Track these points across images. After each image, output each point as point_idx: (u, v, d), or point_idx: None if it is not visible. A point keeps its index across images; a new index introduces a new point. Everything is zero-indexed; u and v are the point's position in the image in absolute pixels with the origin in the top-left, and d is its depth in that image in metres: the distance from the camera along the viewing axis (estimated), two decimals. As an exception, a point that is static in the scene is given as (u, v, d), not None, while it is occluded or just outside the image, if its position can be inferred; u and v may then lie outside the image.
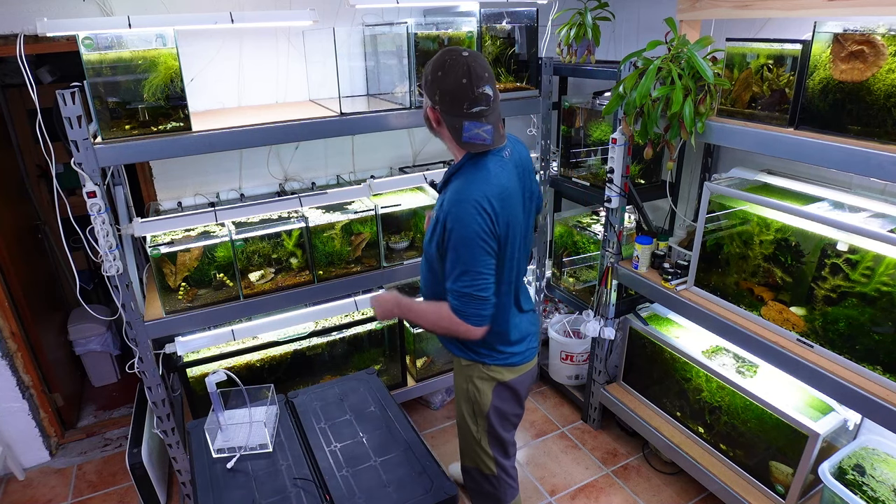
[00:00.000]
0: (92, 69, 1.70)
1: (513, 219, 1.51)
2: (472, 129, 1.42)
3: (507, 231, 1.49)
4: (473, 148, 1.45)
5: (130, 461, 2.18)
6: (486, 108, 1.43)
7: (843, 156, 1.54)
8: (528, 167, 1.65)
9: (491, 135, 1.44)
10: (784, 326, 1.84)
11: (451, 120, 1.44)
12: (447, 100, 1.42)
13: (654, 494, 2.38)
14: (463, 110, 1.41)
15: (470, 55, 1.42)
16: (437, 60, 1.44)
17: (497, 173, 1.47)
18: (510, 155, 1.56)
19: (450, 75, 1.40)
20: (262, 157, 2.55)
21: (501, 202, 1.45)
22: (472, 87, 1.39)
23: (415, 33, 2.14)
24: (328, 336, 2.45)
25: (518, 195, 1.55)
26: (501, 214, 1.45)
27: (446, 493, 1.42)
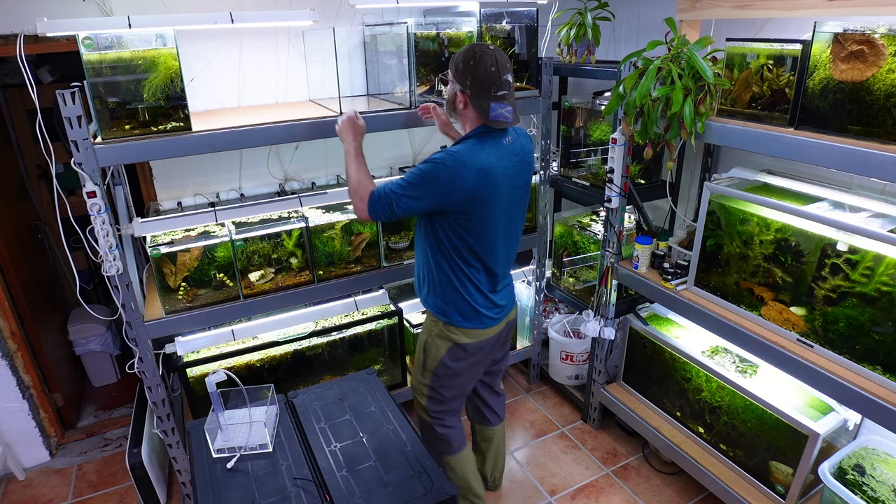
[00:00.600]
0: (92, 69, 1.70)
1: (489, 192, 1.68)
2: (497, 109, 1.66)
3: (481, 201, 1.67)
4: (498, 125, 1.68)
5: (130, 461, 2.18)
6: (508, 93, 1.68)
7: (843, 156, 1.54)
8: (530, 160, 1.84)
9: (512, 114, 1.69)
10: (784, 326, 1.84)
11: (479, 102, 1.66)
12: (477, 85, 1.65)
13: (654, 494, 2.38)
14: (491, 93, 1.65)
15: (496, 49, 1.68)
16: (468, 52, 1.67)
17: (488, 153, 1.68)
18: (511, 142, 1.75)
19: (481, 64, 1.64)
20: (262, 157, 2.55)
21: (481, 174, 1.64)
22: (499, 74, 1.64)
23: (415, 33, 2.14)
24: (328, 336, 2.45)
25: (504, 179, 1.71)
26: (475, 184, 1.64)
27: (446, 493, 1.43)
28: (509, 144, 1.74)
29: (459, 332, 1.85)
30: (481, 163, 1.65)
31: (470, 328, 1.85)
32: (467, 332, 1.86)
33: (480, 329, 1.87)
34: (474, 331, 1.86)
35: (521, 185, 1.82)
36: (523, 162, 1.79)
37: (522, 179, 1.82)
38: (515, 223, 1.86)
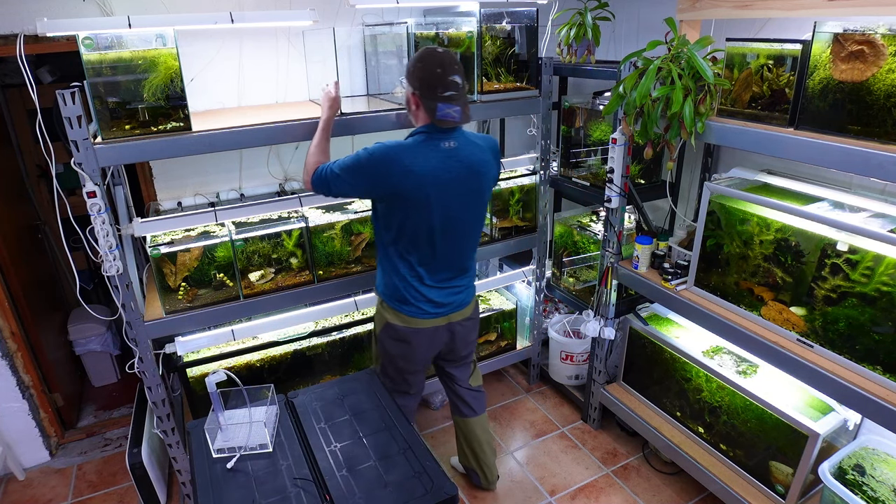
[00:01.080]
0: (92, 69, 1.70)
1: (416, 191, 1.74)
2: (444, 109, 1.72)
3: (408, 197, 1.75)
4: (445, 124, 1.75)
5: (130, 461, 2.18)
6: (456, 94, 1.73)
7: (843, 156, 1.54)
8: (478, 170, 1.85)
9: (460, 114, 1.75)
10: (784, 326, 1.84)
11: (427, 103, 1.73)
12: (425, 86, 1.72)
13: (654, 494, 2.38)
14: (437, 94, 1.71)
15: (444, 51, 1.75)
16: (417, 55, 1.76)
17: (419, 153, 1.75)
18: (454, 147, 1.79)
19: (427, 66, 1.72)
20: (262, 157, 2.56)
21: (401, 173, 1.72)
22: (444, 75, 1.71)
23: (415, 33, 2.14)
24: (328, 336, 2.45)
25: (435, 181, 1.76)
26: (401, 180, 1.72)
27: (446, 493, 1.42)
28: (450, 149, 1.78)
29: (391, 313, 1.96)
30: (407, 161, 1.72)
31: (398, 312, 1.95)
32: (397, 315, 1.95)
33: (410, 317, 1.94)
34: (404, 316, 1.94)
35: (466, 191, 1.83)
36: (470, 170, 1.81)
37: (466, 186, 1.83)
38: (459, 227, 1.88)
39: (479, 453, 2.31)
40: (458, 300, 2.00)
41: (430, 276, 1.92)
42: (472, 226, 1.94)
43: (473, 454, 2.32)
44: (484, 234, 2.65)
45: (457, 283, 1.99)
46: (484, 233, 2.65)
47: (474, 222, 1.95)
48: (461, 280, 2.01)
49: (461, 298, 2.01)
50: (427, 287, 1.93)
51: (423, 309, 1.94)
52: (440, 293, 1.95)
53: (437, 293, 1.95)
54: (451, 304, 1.99)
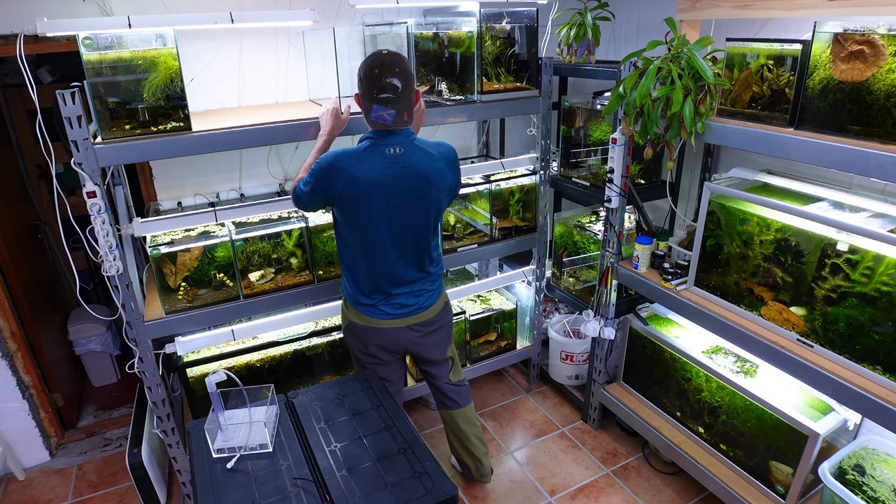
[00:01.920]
0: (92, 69, 1.70)
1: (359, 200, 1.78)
2: (378, 111, 1.73)
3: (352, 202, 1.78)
4: (377, 126, 1.77)
5: (130, 461, 2.18)
6: (392, 97, 1.71)
7: (843, 156, 1.54)
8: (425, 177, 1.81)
9: (393, 118, 1.74)
10: (784, 326, 1.84)
11: (365, 102, 1.76)
12: (364, 85, 1.73)
13: (654, 494, 2.38)
14: (373, 94, 1.71)
15: (389, 54, 1.72)
16: (366, 57, 1.75)
17: (364, 159, 1.76)
18: (399, 154, 1.78)
19: (367, 66, 1.72)
20: (262, 157, 2.56)
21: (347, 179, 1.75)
22: (381, 77, 1.69)
23: (415, 33, 2.13)
24: (328, 336, 2.45)
25: (380, 187, 1.77)
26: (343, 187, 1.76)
27: (446, 493, 1.42)
28: (396, 155, 1.77)
29: (352, 312, 2.02)
30: (351, 168, 1.75)
31: (358, 311, 1.99)
32: (358, 315, 2.00)
33: (369, 317, 1.98)
34: (364, 315, 1.99)
35: (414, 198, 1.82)
36: (417, 176, 1.79)
37: (414, 193, 1.81)
38: (408, 233, 1.88)
39: (468, 445, 2.32)
40: (418, 303, 2.00)
41: (385, 280, 1.94)
42: (421, 232, 1.91)
43: (462, 446, 2.33)
44: (483, 234, 2.65)
45: (415, 288, 1.99)
46: (483, 233, 2.65)
47: (423, 228, 1.90)
48: (420, 284, 2.00)
49: (421, 301, 2.01)
50: (384, 290, 1.95)
51: (382, 310, 1.97)
52: (398, 296, 1.97)
53: (394, 297, 1.97)
54: (410, 306, 1.99)
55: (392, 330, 2.01)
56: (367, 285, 1.95)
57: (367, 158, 1.76)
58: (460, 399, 2.27)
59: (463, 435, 2.30)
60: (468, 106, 2.30)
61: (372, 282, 1.94)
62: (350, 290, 2.00)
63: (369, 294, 1.96)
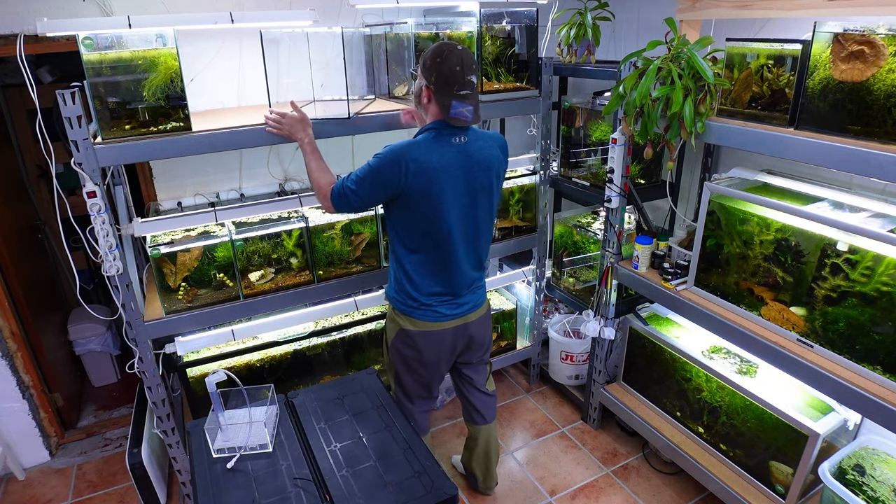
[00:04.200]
0: (92, 69, 1.70)
1: (427, 187, 1.73)
2: (458, 108, 1.71)
3: (418, 194, 1.73)
4: (457, 122, 1.73)
5: (130, 461, 2.18)
6: (470, 93, 1.72)
7: (843, 156, 1.54)
8: (488, 165, 1.84)
9: (472, 114, 1.74)
10: (784, 326, 1.84)
11: (441, 98, 1.71)
12: (441, 82, 1.70)
13: (654, 494, 2.38)
14: (453, 91, 1.70)
15: (463, 49, 1.72)
16: (436, 49, 1.71)
17: (430, 148, 1.73)
18: (464, 143, 1.77)
19: (447, 62, 1.68)
20: (262, 157, 2.55)
21: (418, 168, 1.70)
22: (463, 74, 1.69)
23: (415, 33, 2.13)
24: (328, 336, 2.45)
25: (448, 176, 1.75)
26: (412, 178, 1.70)
27: (446, 493, 1.42)
28: (460, 144, 1.76)
29: (404, 319, 1.94)
30: (420, 157, 1.71)
31: (412, 317, 1.92)
32: (411, 321, 1.92)
33: (426, 321, 1.91)
34: (419, 321, 1.92)
35: (479, 187, 1.82)
36: (480, 165, 1.80)
37: (479, 182, 1.82)
38: (473, 224, 1.87)
39: (486, 461, 2.31)
40: (475, 299, 1.98)
41: (448, 278, 1.89)
42: (485, 222, 1.92)
43: (479, 460, 2.31)
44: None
45: (474, 284, 1.97)
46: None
47: (487, 218, 1.92)
48: (479, 280, 1.99)
49: (476, 299, 1.99)
50: (445, 289, 1.90)
51: (441, 312, 1.91)
52: (459, 296, 1.93)
53: (454, 296, 1.92)
54: (468, 303, 1.96)
55: (450, 331, 1.95)
56: (428, 286, 1.88)
57: (435, 148, 1.73)
58: (489, 414, 2.24)
59: (485, 451, 2.29)
60: (468, 106, 2.30)
61: (434, 281, 1.88)
62: (403, 295, 1.92)
63: (428, 295, 1.89)
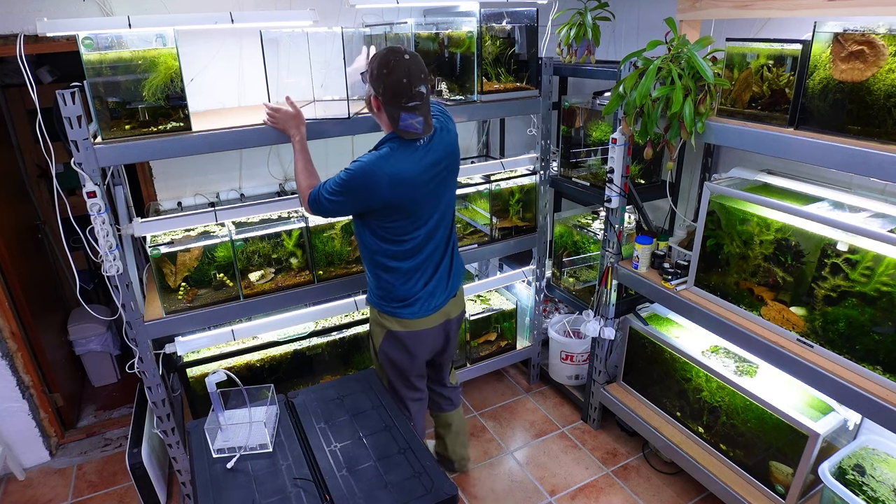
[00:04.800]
0: (92, 69, 1.70)
1: (404, 197, 1.74)
2: (407, 120, 1.68)
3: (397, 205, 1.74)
4: (408, 135, 1.71)
5: (130, 461, 2.18)
6: (420, 104, 1.68)
7: (843, 156, 1.54)
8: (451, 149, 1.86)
9: (422, 125, 1.70)
10: (784, 326, 1.84)
11: (390, 110, 1.68)
12: (389, 94, 1.66)
13: (654, 494, 2.38)
14: (401, 104, 1.66)
15: (411, 58, 1.67)
16: (383, 58, 1.66)
17: (400, 159, 1.72)
18: (427, 143, 1.77)
19: (393, 73, 1.64)
20: (262, 157, 2.55)
21: (393, 182, 1.70)
22: (410, 87, 1.65)
23: (415, 33, 2.13)
24: (328, 336, 2.45)
25: (422, 179, 1.76)
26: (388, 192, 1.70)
27: (446, 493, 1.42)
28: (424, 145, 1.76)
29: (390, 320, 1.94)
30: (392, 170, 1.69)
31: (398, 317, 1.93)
32: (399, 321, 1.94)
33: (412, 319, 1.93)
34: (405, 320, 1.93)
35: (448, 173, 1.86)
36: (445, 154, 1.82)
37: (447, 170, 1.85)
38: (447, 209, 1.91)
39: (464, 440, 2.39)
40: (452, 285, 2.01)
41: (431, 268, 1.92)
42: (453, 200, 1.95)
43: (455, 443, 2.38)
44: (483, 234, 2.65)
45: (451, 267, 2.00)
46: (483, 233, 2.65)
47: (454, 195, 1.95)
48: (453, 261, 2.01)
49: (453, 283, 2.01)
50: (428, 282, 1.92)
51: (426, 307, 1.93)
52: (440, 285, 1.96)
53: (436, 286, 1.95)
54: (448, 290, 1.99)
55: (433, 329, 1.99)
56: (411, 283, 1.90)
57: (405, 157, 1.72)
58: (456, 399, 2.32)
59: (459, 432, 2.35)
60: (468, 106, 2.30)
61: (417, 276, 1.90)
62: (387, 297, 1.92)
63: (413, 292, 1.91)
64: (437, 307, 1.97)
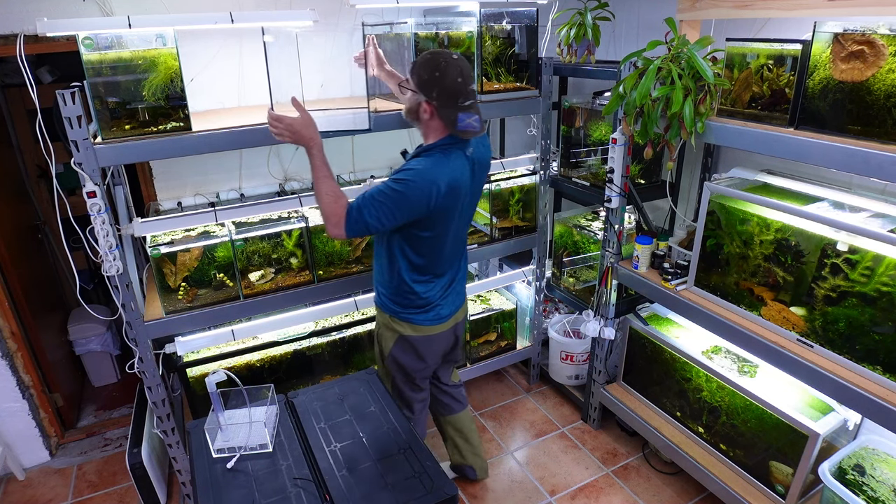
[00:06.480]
0: (92, 69, 1.70)
1: (452, 205, 1.74)
2: (465, 120, 1.65)
3: (443, 213, 1.73)
4: (467, 135, 1.68)
5: (130, 461, 2.18)
6: (474, 102, 1.68)
7: (843, 156, 1.54)
8: (486, 164, 1.89)
9: (478, 123, 1.68)
10: (784, 326, 1.84)
11: (447, 112, 1.65)
12: (445, 96, 1.64)
13: (654, 494, 2.38)
14: (458, 104, 1.64)
15: (459, 57, 1.66)
16: (431, 62, 1.64)
17: (454, 166, 1.70)
18: (472, 154, 1.78)
19: (447, 75, 1.62)
20: (262, 157, 2.55)
21: (448, 190, 1.68)
22: (465, 85, 1.65)
23: (415, 33, 2.13)
24: (328, 336, 2.45)
25: (467, 190, 1.78)
26: (443, 200, 1.68)
27: (446, 493, 1.42)
28: (471, 155, 1.77)
29: (404, 325, 1.93)
30: (449, 178, 1.68)
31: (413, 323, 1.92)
32: (413, 327, 1.93)
33: (426, 325, 1.93)
34: (420, 326, 1.93)
35: (478, 190, 1.90)
36: (481, 169, 1.85)
37: (480, 185, 1.89)
38: (467, 224, 1.93)
39: (472, 444, 2.36)
40: (462, 292, 2.03)
41: (451, 275, 1.93)
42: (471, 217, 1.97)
43: (468, 447, 2.35)
44: (483, 234, 2.65)
45: (463, 270, 2.01)
46: (483, 233, 2.65)
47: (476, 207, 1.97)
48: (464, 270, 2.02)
49: (462, 289, 2.04)
50: (445, 287, 1.93)
51: (441, 314, 1.93)
52: (454, 292, 1.97)
53: (452, 293, 1.96)
54: (460, 295, 2.01)
55: (445, 333, 1.98)
56: (433, 290, 1.89)
57: (457, 165, 1.71)
58: (462, 398, 2.31)
59: (468, 434, 2.33)
60: (468, 106, 2.30)
61: (439, 283, 1.90)
62: (405, 304, 1.90)
63: (433, 299, 1.89)
64: (453, 312, 1.97)
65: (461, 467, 2.40)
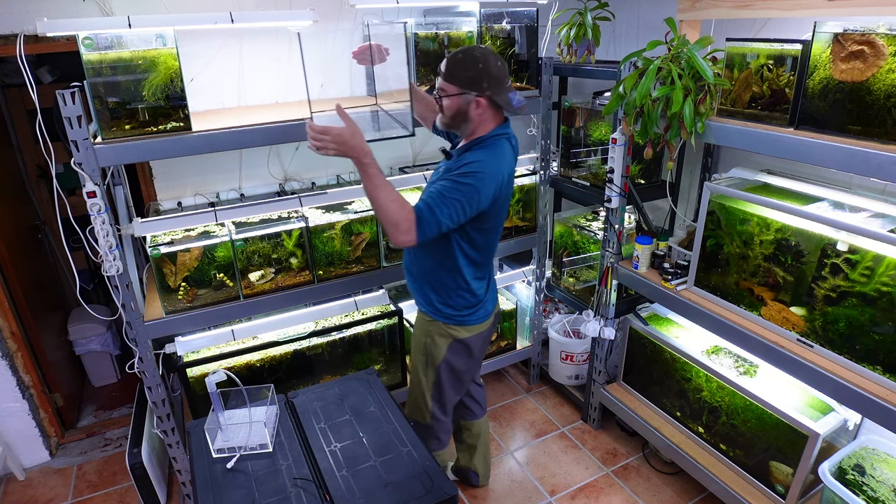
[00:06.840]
0: (92, 69, 1.70)
1: (509, 194, 1.79)
2: (515, 97, 1.70)
3: (502, 203, 1.76)
4: (521, 111, 1.73)
5: (130, 461, 2.18)
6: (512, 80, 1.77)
7: (843, 156, 1.54)
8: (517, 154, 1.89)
9: (524, 98, 1.74)
10: (784, 326, 1.84)
11: (500, 99, 1.68)
12: (495, 83, 1.66)
13: (654, 494, 2.38)
14: (506, 86, 1.69)
15: (486, 47, 1.75)
16: (468, 59, 1.65)
17: (507, 156, 1.74)
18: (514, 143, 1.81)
19: (489, 64, 1.65)
20: (262, 157, 2.55)
21: (509, 179, 1.75)
22: (504, 67, 1.69)
23: (415, 33, 2.13)
24: (328, 336, 2.44)
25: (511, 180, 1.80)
26: (504, 190, 1.73)
27: (446, 493, 1.42)
28: (514, 144, 1.80)
29: (457, 328, 1.91)
30: (508, 167, 1.73)
31: (466, 324, 1.91)
32: (466, 328, 1.92)
33: (478, 324, 1.93)
34: (473, 326, 1.92)
35: None
36: (516, 156, 1.86)
37: None
38: None
39: (484, 451, 2.35)
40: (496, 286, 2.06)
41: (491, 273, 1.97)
42: None
43: (480, 453, 2.34)
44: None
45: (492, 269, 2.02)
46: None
47: None
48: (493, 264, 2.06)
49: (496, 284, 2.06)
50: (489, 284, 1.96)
51: (488, 310, 1.95)
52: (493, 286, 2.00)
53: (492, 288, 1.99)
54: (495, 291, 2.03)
55: (492, 325, 2.01)
56: (482, 286, 1.90)
57: (508, 154, 1.74)
58: (484, 402, 2.32)
59: (485, 441, 2.34)
60: (468, 106, 2.30)
61: (485, 279, 1.92)
62: (458, 306, 1.87)
63: (481, 295, 1.90)
64: (495, 306, 2.01)
65: (466, 470, 2.39)
